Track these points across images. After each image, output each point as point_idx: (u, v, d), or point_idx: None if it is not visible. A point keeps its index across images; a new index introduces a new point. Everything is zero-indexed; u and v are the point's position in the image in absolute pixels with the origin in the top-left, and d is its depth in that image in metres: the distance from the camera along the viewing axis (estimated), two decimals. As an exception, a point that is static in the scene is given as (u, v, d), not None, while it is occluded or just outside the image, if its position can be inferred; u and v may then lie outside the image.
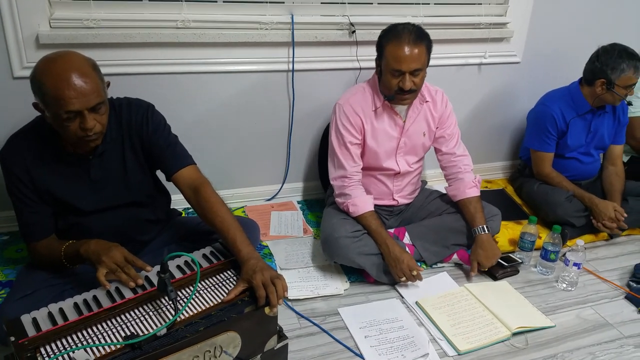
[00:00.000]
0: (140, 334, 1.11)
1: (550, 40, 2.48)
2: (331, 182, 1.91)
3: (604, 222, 2.10)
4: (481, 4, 2.30)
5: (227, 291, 1.26)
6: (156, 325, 1.14)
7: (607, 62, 2.06)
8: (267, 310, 1.24)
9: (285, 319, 1.63)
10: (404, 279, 1.75)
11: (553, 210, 2.16)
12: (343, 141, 1.84)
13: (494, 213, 1.98)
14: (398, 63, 1.68)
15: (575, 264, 1.84)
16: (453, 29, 2.27)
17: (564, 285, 1.90)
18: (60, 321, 1.15)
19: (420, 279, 1.78)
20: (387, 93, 1.79)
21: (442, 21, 2.25)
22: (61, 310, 1.19)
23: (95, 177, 1.46)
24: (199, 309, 1.20)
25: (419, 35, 1.70)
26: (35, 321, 1.15)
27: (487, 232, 1.87)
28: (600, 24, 2.51)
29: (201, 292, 1.26)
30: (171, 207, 1.74)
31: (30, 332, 1.11)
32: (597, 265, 2.05)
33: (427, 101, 1.89)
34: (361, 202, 1.83)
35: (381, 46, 1.75)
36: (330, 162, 1.90)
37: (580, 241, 1.87)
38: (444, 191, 2.05)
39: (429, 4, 2.24)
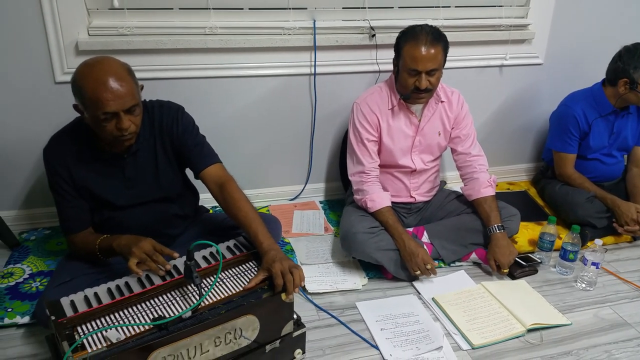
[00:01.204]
0: (167, 316, 1.20)
1: (572, 41, 2.46)
2: (350, 178, 1.96)
3: (626, 226, 2.07)
4: (502, 6, 2.31)
5: (248, 280, 1.34)
6: (182, 309, 1.23)
7: (630, 61, 2.05)
8: (283, 296, 1.31)
9: (304, 310, 1.69)
10: (418, 272, 1.78)
11: (574, 210, 2.15)
12: (360, 138, 1.90)
13: (512, 213, 1.99)
14: (415, 62, 1.73)
15: (593, 264, 1.83)
16: (474, 31, 2.29)
17: (583, 285, 1.89)
18: (95, 304, 1.25)
19: (435, 273, 1.81)
20: (404, 92, 1.84)
21: (462, 23, 2.27)
22: (96, 295, 1.29)
23: (129, 175, 1.56)
24: (222, 296, 1.28)
25: (435, 36, 1.75)
26: (73, 303, 1.25)
27: (501, 230, 1.88)
28: (623, 24, 2.48)
29: (224, 280, 1.34)
30: (199, 204, 1.84)
31: (69, 312, 1.21)
32: (618, 267, 2.03)
33: (442, 101, 1.93)
34: (378, 198, 1.88)
35: (399, 46, 1.81)
36: (349, 159, 1.96)
37: (598, 241, 1.86)
38: (462, 192, 2.08)
39: (449, 6, 2.26)
